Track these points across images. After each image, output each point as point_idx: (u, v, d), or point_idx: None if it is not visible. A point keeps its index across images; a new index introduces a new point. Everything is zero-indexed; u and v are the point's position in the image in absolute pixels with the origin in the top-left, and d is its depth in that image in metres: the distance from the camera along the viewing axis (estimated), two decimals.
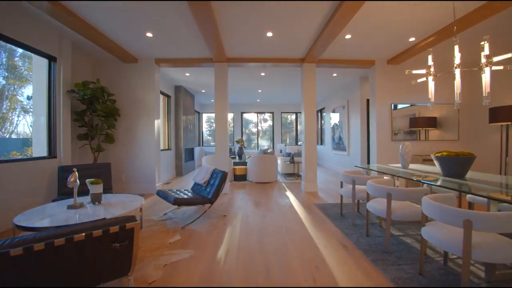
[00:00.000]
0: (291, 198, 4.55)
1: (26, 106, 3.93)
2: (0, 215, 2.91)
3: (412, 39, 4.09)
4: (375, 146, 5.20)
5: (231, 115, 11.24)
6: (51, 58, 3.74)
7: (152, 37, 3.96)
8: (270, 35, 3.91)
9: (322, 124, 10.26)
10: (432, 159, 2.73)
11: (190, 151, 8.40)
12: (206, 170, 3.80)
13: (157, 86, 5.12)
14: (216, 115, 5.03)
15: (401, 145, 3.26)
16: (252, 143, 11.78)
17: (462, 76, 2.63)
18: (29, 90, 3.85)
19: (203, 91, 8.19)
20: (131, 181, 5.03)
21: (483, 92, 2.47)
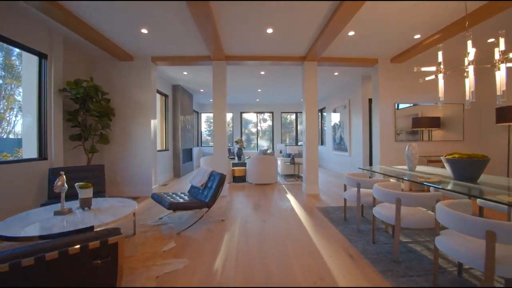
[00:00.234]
0: (292, 201, 4.39)
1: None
2: None
3: (417, 36, 3.94)
4: (378, 147, 5.05)
5: (230, 115, 11.08)
6: (41, 55, 3.58)
7: (147, 34, 3.80)
8: (270, 32, 3.76)
9: (323, 124, 10.11)
10: (442, 160, 2.59)
11: (188, 151, 8.23)
12: (204, 172, 3.64)
13: (153, 85, 4.95)
14: (214, 115, 4.87)
15: (407, 146, 3.11)
16: (252, 144, 11.62)
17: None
18: None
19: (202, 90, 8.02)
20: (126, 183, 4.87)
21: (497, 91, 2.34)
